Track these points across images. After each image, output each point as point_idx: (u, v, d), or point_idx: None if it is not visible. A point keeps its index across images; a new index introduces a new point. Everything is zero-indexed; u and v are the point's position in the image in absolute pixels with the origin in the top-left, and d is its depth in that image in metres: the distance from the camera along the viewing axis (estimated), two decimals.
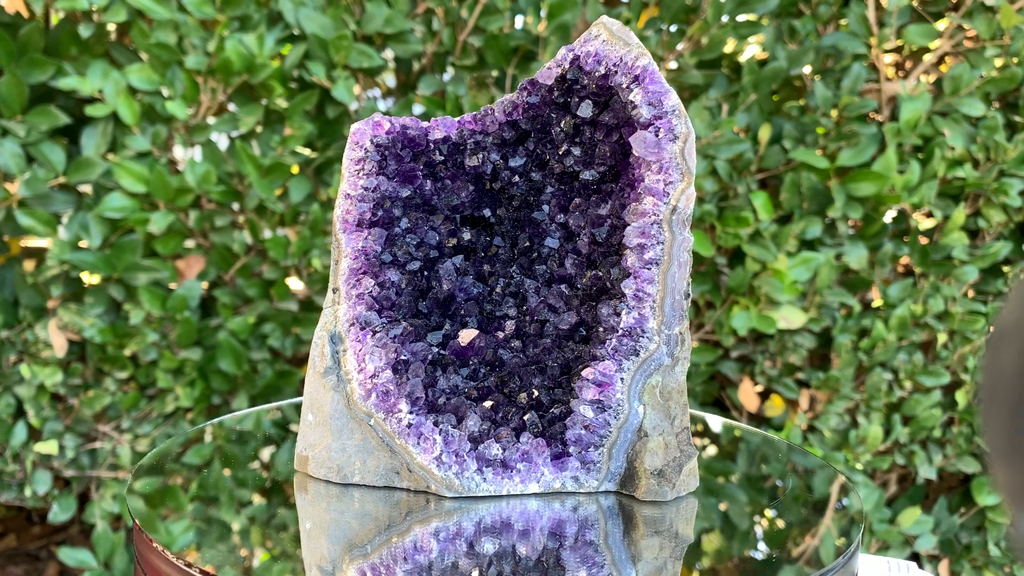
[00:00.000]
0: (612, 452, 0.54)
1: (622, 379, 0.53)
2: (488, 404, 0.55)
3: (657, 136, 0.52)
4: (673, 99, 0.52)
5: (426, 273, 0.57)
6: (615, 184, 0.55)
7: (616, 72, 0.53)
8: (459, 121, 0.57)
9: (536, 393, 0.55)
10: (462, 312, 0.57)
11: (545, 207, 0.57)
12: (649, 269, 0.53)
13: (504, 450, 0.53)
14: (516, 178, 0.57)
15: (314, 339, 0.56)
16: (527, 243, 0.58)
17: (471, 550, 0.48)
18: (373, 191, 0.55)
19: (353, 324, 0.55)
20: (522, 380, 0.56)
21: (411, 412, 0.53)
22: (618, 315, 0.53)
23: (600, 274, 0.55)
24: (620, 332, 0.53)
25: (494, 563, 0.47)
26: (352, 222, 0.55)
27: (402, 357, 0.54)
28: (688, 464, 0.55)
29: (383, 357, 0.54)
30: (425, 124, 0.56)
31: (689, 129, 0.52)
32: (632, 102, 0.52)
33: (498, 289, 0.57)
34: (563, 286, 0.56)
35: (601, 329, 0.54)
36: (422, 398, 0.54)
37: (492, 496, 0.54)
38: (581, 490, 0.55)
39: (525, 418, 0.54)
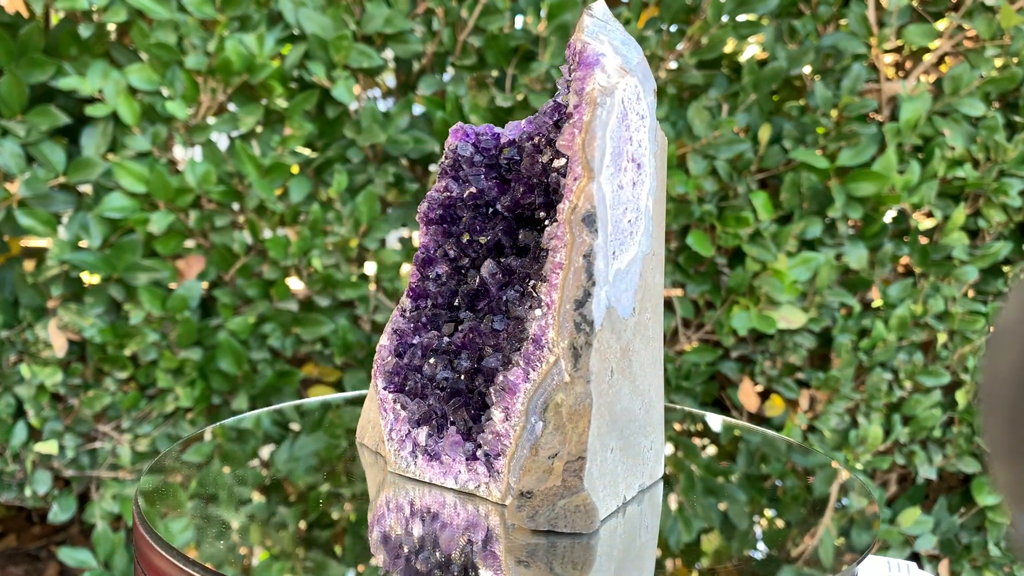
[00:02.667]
0: (511, 465, 0.51)
1: (526, 390, 0.50)
2: (440, 395, 0.55)
3: (571, 126, 0.49)
4: (591, 83, 0.48)
5: (469, 269, 0.58)
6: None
7: (572, 59, 0.51)
8: (524, 123, 0.57)
9: (481, 392, 0.55)
10: (489, 308, 0.58)
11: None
12: (556, 274, 0.49)
13: (429, 438, 0.55)
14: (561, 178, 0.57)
15: None
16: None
17: (406, 528, 0.50)
18: (442, 192, 0.57)
19: (396, 309, 0.59)
20: (473, 377, 0.55)
21: (384, 388, 0.57)
22: (532, 321, 0.51)
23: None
24: (529, 339, 0.50)
25: (423, 549, 0.48)
26: (423, 220, 0.57)
27: (412, 341, 0.57)
28: (569, 499, 0.49)
29: (392, 338, 0.57)
30: (498, 130, 0.57)
31: (596, 118, 0.48)
32: (570, 90, 0.51)
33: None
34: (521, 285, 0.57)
35: (525, 334, 0.52)
36: (397, 376, 0.57)
37: (421, 481, 0.56)
38: (490, 498, 0.53)
39: (459, 414, 0.55)
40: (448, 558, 0.47)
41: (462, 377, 0.55)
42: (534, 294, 0.51)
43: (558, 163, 0.52)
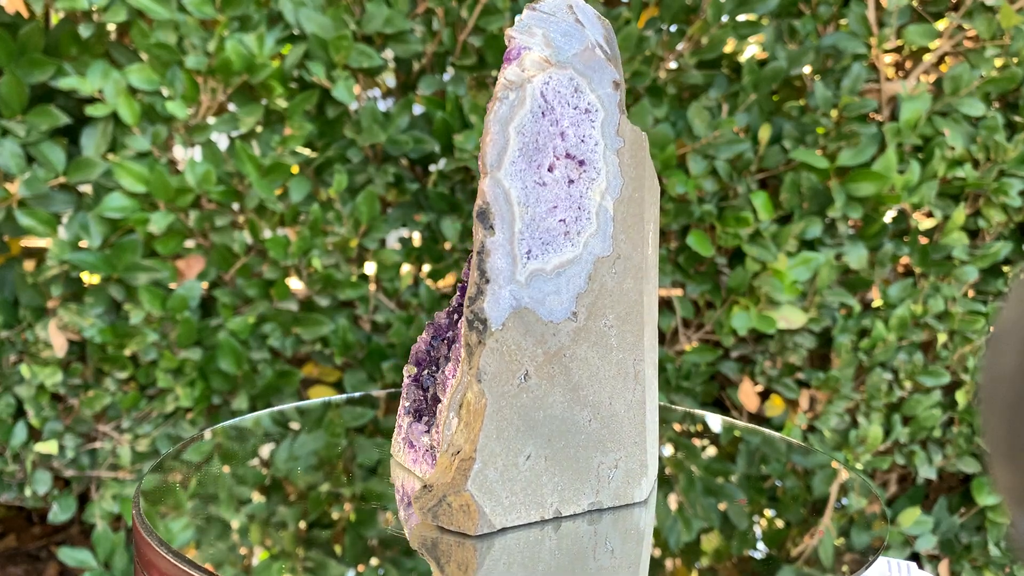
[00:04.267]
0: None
1: (451, 385, 0.50)
2: (436, 390, 0.56)
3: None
4: (499, 79, 0.47)
5: None
6: None
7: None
8: None
9: None
10: None
11: None
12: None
13: (411, 428, 0.56)
14: None
15: None
16: None
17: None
18: None
19: (449, 304, 0.60)
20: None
21: (409, 377, 0.58)
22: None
23: None
24: (460, 336, 0.50)
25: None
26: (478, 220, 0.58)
27: (447, 335, 0.57)
28: (453, 498, 0.48)
29: (429, 331, 0.57)
30: None
31: (492, 115, 0.47)
32: None
33: None
34: None
35: None
36: (417, 367, 0.58)
37: (405, 468, 0.58)
38: None
39: (426, 405, 0.56)
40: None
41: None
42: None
43: None
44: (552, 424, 0.50)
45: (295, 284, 1.16)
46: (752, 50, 1.19)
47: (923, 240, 1.18)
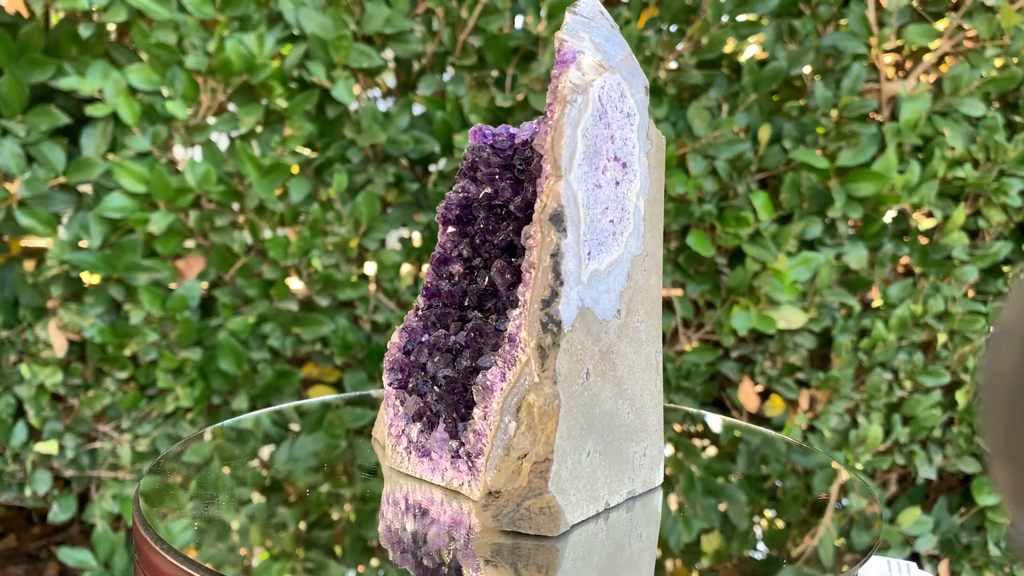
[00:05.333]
0: (488, 465, 0.51)
1: (502, 389, 0.50)
2: (437, 393, 0.55)
3: (543, 125, 0.48)
4: (563, 82, 0.48)
5: (481, 269, 0.58)
6: None
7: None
8: (536, 123, 0.57)
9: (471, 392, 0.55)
10: (495, 308, 0.58)
11: None
12: (529, 273, 0.49)
13: (420, 435, 0.56)
14: None
15: None
16: None
17: (401, 522, 0.51)
18: (460, 192, 0.57)
19: (412, 308, 0.59)
20: (469, 376, 0.55)
21: (390, 384, 0.57)
22: (510, 320, 0.51)
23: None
24: (507, 339, 0.50)
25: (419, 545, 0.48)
26: (441, 219, 0.57)
27: (421, 339, 0.57)
28: (534, 500, 0.49)
29: (403, 337, 0.57)
30: (514, 130, 0.57)
31: (565, 115, 0.47)
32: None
33: None
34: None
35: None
36: (401, 374, 0.57)
37: (413, 477, 0.57)
38: (472, 496, 0.53)
39: (450, 412, 0.55)
40: (430, 554, 0.47)
41: (459, 376, 0.55)
42: (514, 293, 0.52)
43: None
44: (604, 419, 0.52)
45: (295, 284, 1.16)
46: (752, 50, 1.19)
47: (923, 240, 1.18)
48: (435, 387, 0.56)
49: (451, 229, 0.57)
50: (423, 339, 0.57)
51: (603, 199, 0.50)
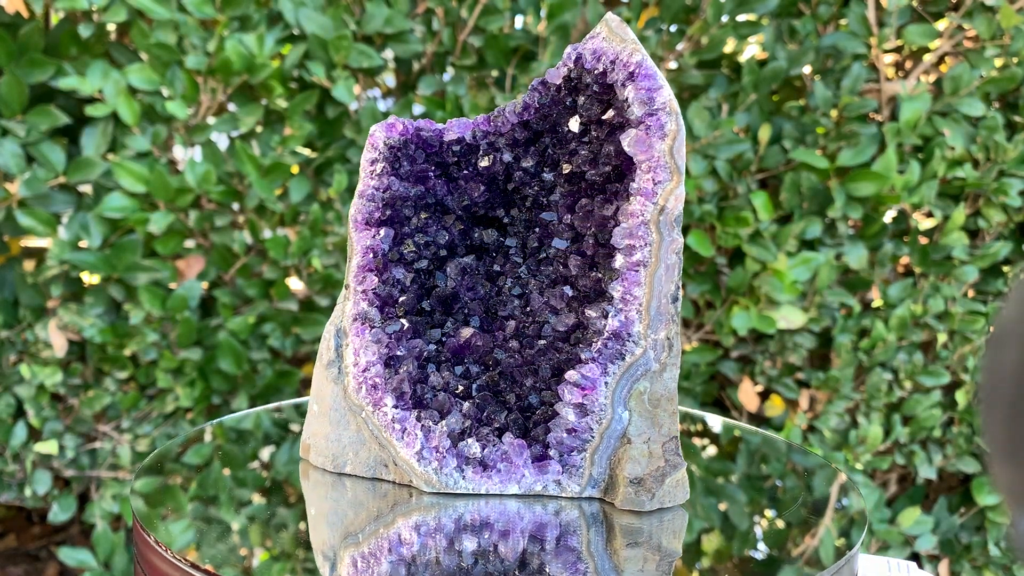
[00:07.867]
0: (594, 458, 0.53)
1: (606, 383, 0.52)
2: (475, 402, 0.55)
3: (647, 134, 0.51)
4: (664, 95, 0.51)
5: (433, 272, 0.57)
6: (620, 184, 0.54)
7: (612, 69, 0.52)
8: (473, 122, 0.57)
9: (525, 394, 0.55)
10: (466, 311, 0.57)
11: (555, 208, 0.56)
12: (636, 271, 0.52)
13: (483, 449, 0.54)
14: (529, 179, 0.57)
15: (324, 332, 0.58)
16: (536, 244, 0.57)
17: (451, 547, 0.48)
18: (384, 191, 0.56)
19: (356, 319, 0.56)
20: (514, 380, 0.55)
21: (395, 406, 0.55)
22: (605, 318, 0.52)
23: (601, 276, 0.55)
24: (606, 335, 0.52)
25: (478, 562, 0.47)
26: (362, 221, 0.56)
27: (396, 353, 0.55)
28: (673, 475, 0.53)
29: (376, 352, 0.55)
30: (440, 126, 0.56)
31: (679, 127, 0.51)
32: (626, 99, 0.52)
33: (505, 289, 0.57)
34: (566, 287, 0.55)
35: (589, 332, 0.53)
36: (408, 393, 0.55)
37: (472, 495, 0.54)
38: (563, 494, 0.54)
39: (509, 419, 0.54)
40: (558, 561, 0.47)
41: (476, 382, 0.55)
42: (604, 291, 0.53)
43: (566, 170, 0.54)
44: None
45: (295, 284, 1.16)
46: (752, 50, 1.19)
47: (923, 240, 1.18)
48: (467, 398, 0.55)
49: (384, 230, 0.56)
50: (399, 352, 0.55)
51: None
